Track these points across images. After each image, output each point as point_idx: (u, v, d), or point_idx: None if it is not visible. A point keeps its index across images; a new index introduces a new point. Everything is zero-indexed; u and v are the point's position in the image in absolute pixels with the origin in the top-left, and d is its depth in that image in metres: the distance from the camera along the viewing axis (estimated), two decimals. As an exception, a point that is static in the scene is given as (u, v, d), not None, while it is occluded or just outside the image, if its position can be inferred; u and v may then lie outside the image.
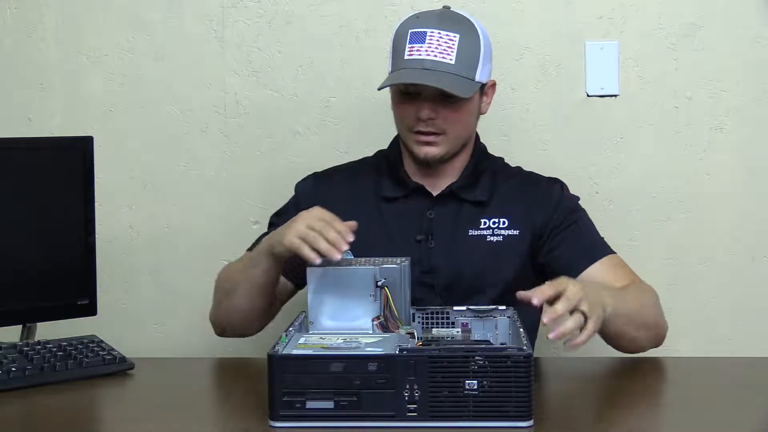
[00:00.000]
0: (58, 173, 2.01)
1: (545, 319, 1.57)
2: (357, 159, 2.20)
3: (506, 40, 2.42)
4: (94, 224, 2.04)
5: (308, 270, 1.74)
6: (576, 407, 1.65)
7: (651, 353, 2.34)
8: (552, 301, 1.62)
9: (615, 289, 1.86)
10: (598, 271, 1.99)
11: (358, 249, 2.02)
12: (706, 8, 2.41)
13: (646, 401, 1.69)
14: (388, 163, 2.11)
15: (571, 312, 1.62)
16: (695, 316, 2.43)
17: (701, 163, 2.43)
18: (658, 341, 1.96)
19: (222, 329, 2.06)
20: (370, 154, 2.19)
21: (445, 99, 1.96)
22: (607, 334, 1.84)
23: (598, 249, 2.04)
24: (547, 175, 2.14)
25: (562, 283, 1.65)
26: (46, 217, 1.99)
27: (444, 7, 2.07)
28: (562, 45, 2.43)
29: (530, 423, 1.49)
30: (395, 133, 2.31)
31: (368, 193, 2.08)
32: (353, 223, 1.80)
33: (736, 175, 2.43)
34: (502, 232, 2.03)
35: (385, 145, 2.17)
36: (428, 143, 1.99)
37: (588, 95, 2.43)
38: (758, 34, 2.40)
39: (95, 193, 2.04)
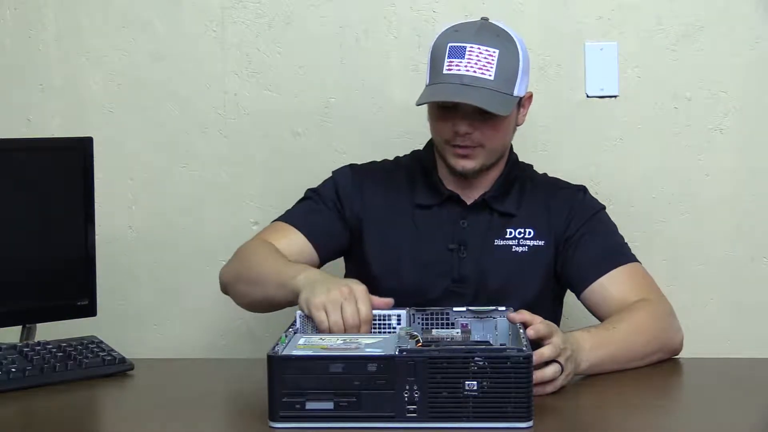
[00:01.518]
0: (58, 174, 2.01)
1: (535, 359, 1.56)
2: (391, 158, 2.17)
3: (506, 40, 2.42)
4: (94, 225, 2.04)
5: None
6: (576, 407, 1.65)
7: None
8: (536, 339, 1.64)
9: (601, 334, 1.80)
10: (608, 282, 1.97)
11: (392, 257, 2.02)
12: (706, 8, 2.41)
13: (646, 401, 1.69)
14: (422, 168, 2.09)
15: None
16: (695, 316, 2.43)
17: (701, 163, 2.43)
18: (666, 357, 1.90)
19: (226, 291, 2.05)
20: (370, 154, 2.19)
21: (483, 114, 1.94)
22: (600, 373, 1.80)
23: (614, 257, 2.00)
24: (575, 183, 2.13)
25: (552, 328, 1.66)
26: (46, 218, 1.99)
27: (482, 18, 2.04)
28: (561, 46, 2.43)
29: (530, 424, 1.49)
30: (394, 133, 2.32)
31: (402, 198, 2.07)
32: (389, 301, 1.77)
33: (736, 175, 2.43)
34: (528, 242, 2.02)
35: (385, 146, 2.17)
36: (465, 156, 1.98)
37: (588, 96, 2.43)
38: (758, 35, 2.40)
39: (95, 194, 2.04)
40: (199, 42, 2.49)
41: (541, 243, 2.03)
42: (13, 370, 1.79)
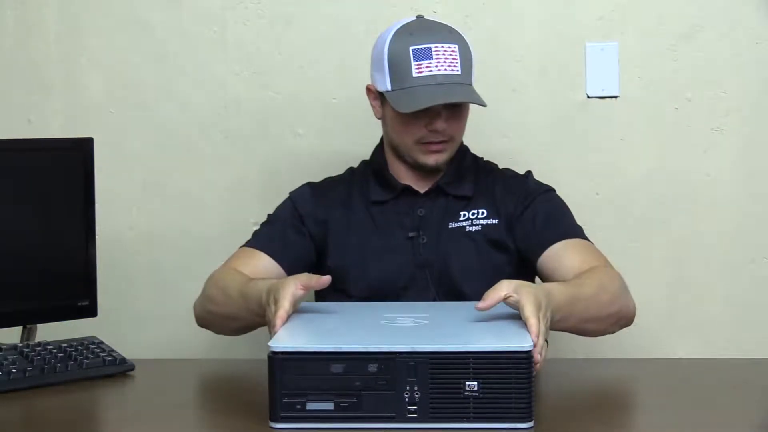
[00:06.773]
0: (58, 174, 2.01)
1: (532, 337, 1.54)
2: (344, 171, 2.20)
3: (506, 41, 2.43)
4: (95, 225, 2.04)
5: None
6: (576, 408, 1.65)
7: (651, 353, 2.35)
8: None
9: (571, 290, 1.78)
10: (563, 249, 1.97)
11: (356, 256, 2.04)
12: (706, 9, 2.41)
13: (646, 402, 1.69)
14: (373, 170, 2.13)
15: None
16: (695, 316, 2.43)
17: (701, 163, 2.43)
18: (623, 324, 1.90)
19: (202, 324, 2.06)
20: (370, 154, 2.20)
21: (455, 109, 2.00)
22: (564, 329, 1.80)
23: (570, 230, 2.02)
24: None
25: (521, 294, 1.61)
26: (46, 219, 1.99)
27: (417, 16, 2.07)
28: (562, 46, 2.43)
29: (530, 424, 1.49)
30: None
31: (359, 201, 2.10)
32: (326, 279, 1.76)
33: (736, 175, 2.43)
34: (481, 221, 2.05)
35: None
36: (438, 151, 2.02)
37: (588, 96, 2.43)
38: (758, 35, 2.40)
39: (95, 194, 2.05)
40: (200, 42, 2.49)
41: (495, 221, 2.04)
42: (14, 370, 1.79)
